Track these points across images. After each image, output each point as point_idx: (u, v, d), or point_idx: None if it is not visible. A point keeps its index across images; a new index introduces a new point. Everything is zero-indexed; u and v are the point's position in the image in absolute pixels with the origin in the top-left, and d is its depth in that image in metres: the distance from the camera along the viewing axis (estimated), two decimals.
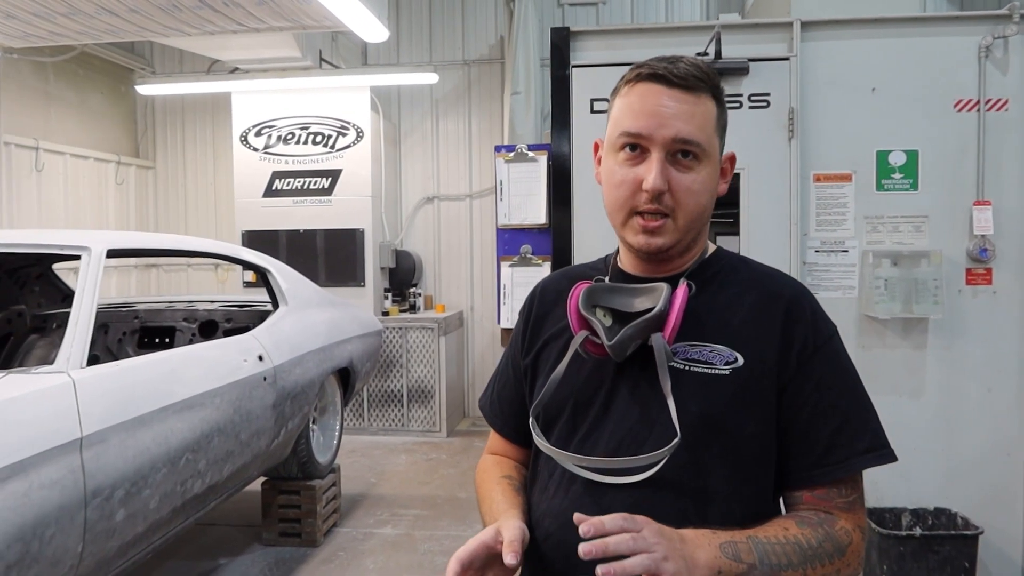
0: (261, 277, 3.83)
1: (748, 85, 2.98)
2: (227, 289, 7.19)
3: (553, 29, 3.11)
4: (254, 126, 6.37)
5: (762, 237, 3.02)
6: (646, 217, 1.10)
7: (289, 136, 6.34)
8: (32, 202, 5.97)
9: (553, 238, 3.18)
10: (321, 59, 6.14)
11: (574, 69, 3.08)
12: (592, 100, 3.08)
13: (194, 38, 4.59)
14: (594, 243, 3.08)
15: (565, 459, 1.10)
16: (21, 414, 2.01)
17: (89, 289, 2.50)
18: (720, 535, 0.99)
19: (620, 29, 3.19)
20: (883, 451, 1.10)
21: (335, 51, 6.48)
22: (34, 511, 1.96)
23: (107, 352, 4.24)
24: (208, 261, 7.29)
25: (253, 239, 6.19)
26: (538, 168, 3.29)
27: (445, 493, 4.96)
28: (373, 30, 4.51)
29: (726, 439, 1.08)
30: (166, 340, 4.38)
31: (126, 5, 3.93)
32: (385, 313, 6.41)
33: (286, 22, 4.19)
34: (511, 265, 3.31)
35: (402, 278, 6.75)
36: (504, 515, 1.13)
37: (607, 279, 1.21)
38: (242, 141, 6.38)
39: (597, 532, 0.93)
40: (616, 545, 0.91)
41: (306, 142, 6.32)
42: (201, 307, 4.41)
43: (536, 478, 1.20)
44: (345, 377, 4.48)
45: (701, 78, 1.10)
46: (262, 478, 4.02)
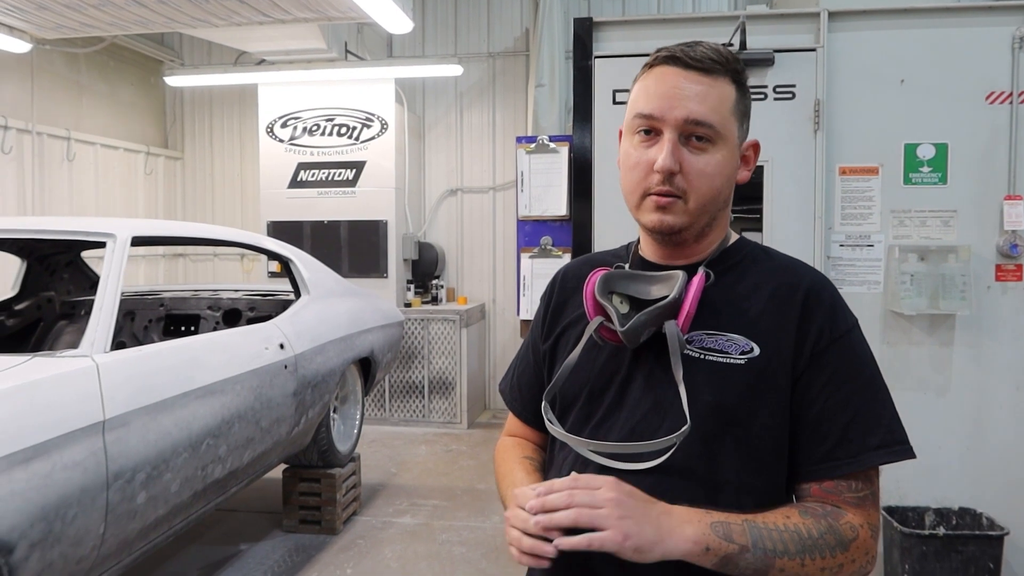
0: (284, 266, 3.86)
1: (773, 76, 2.94)
2: (252, 279, 7.27)
3: (576, 20, 3.10)
4: (280, 117, 6.41)
5: (786, 231, 2.98)
6: (662, 194, 1.10)
7: (314, 128, 6.38)
8: (63, 191, 6.07)
9: (573, 230, 3.16)
10: (346, 51, 6.17)
11: (597, 60, 3.06)
12: (615, 91, 3.06)
13: (221, 29, 4.64)
14: (614, 235, 3.05)
15: (576, 443, 1.10)
16: (45, 396, 2.04)
17: (114, 275, 2.53)
18: (714, 514, 0.99)
19: (643, 20, 3.17)
20: (897, 447, 1.07)
21: (360, 43, 6.50)
22: (57, 491, 1.99)
23: (133, 338, 4.30)
24: (234, 251, 7.37)
25: (278, 230, 6.24)
26: (559, 159, 3.28)
27: (464, 484, 4.97)
28: (398, 21, 4.52)
29: (739, 429, 1.07)
30: (191, 328, 4.44)
31: None
32: (407, 304, 6.44)
33: (312, 13, 4.21)
34: (531, 256, 3.31)
35: (425, 270, 6.77)
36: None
37: (627, 266, 1.20)
38: (268, 132, 6.43)
39: (547, 490, 0.96)
40: (553, 501, 0.95)
41: (331, 134, 6.36)
42: (225, 295, 4.45)
43: (552, 463, 1.21)
44: (366, 367, 4.50)
45: (718, 61, 1.09)
46: (283, 465, 4.06)
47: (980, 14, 2.89)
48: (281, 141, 6.42)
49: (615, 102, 3.06)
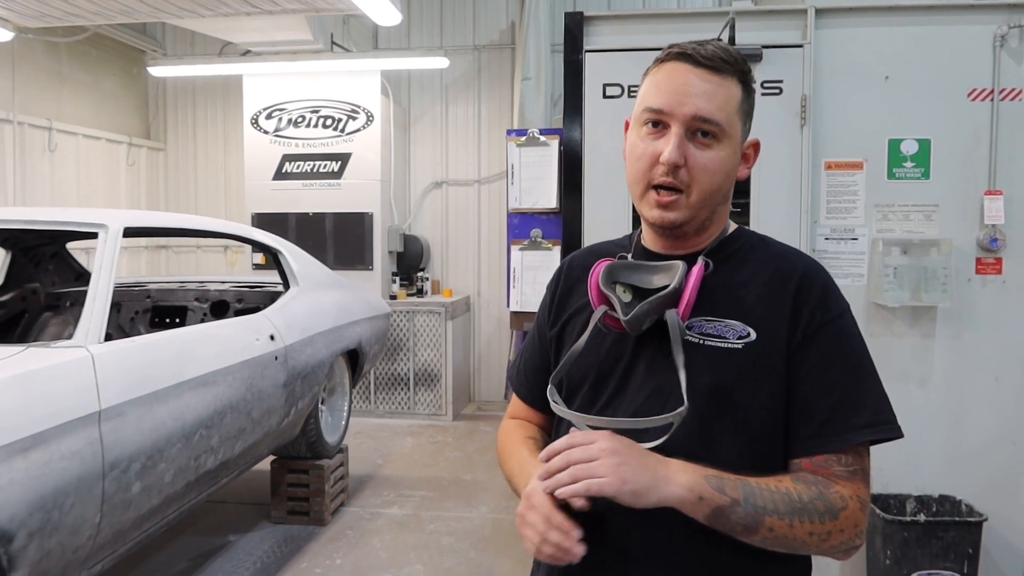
0: (273, 258, 3.87)
1: (761, 72, 2.98)
2: (236, 271, 7.23)
3: (567, 14, 3.11)
4: (265, 109, 6.39)
5: (772, 224, 3.02)
6: (660, 193, 1.14)
7: (299, 119, 6.35)
8: (44, 182, 6.01)
9: (563, 223, 3.19)
10: (332, 43, 6.15)
11: (587, 54, 3.08)
12: (605, 85, 3.08)
13: (208, 19, 4.61)
14: (604, 228, 3.09)
15: (578, 420, 1.14)
16: (43, 386, 2.05)
17: (106, 266, 2.53)
18: (709, 469, 1.04)
19: (634, 15, 3.20)
20: (883, 426, 1.11)
21: (346, 35, 6.48)
22: (55, 481, 2.00)
23: (119, 330, 4.28)
24: (218, 243, 7.33)
25: (263, 222, 6.22)
26: (549, 152, 3.30)
27: (451, 475, 5.00)
28: (385, 13, 4.52)
29: (736, 411, 1.11)
30: (176, 320, 4.43)
31: None
32: (393, 297, 6.45)
33: (300, 4, 4.20)
34: (521, 249, 3.33)
35: (410, 262, 6.78)
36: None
37: (630, 256, 1.24)
38: (253, 124, 6.40)
39: (548, 454, 1.03)
40: (553, 465, 1.02)
41: (316, 125, 6.34)
42: (212, 287, 4.44)
43: None
44: (354, 358, 4.52)
45: (728, 61, 1.13)
46: (271, 457, 4.06)
47: (963, 12, 2.94)
48: (266, 133, 6.39)
49: (605, 96, 3.08)
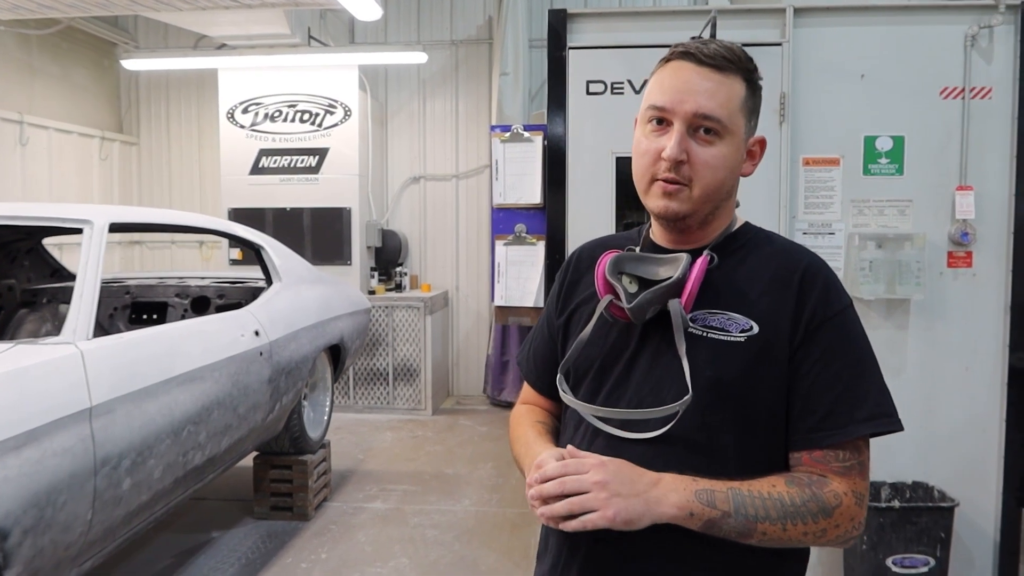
0: (256, 254, 3.86)
1: None
2: (212, 267, 7.17)
3: (551, 11, 3.15)
4: (241, 103, 6.33)
5: (751, 219, 3.05)
6: (668, 181, 1.17)
7: (276, 114, 6.32)
8: (16, 177, 5.91)
9: (548, 218, 3.23)
10: (310, 37, 6.12)
11: (571, 51, 3.12)
12: (588, 82, 3.12)
13: (185, 13, 4.57)
14: (587, 223, 3.14)
15: (585, 410, 1.18)
16: (34, 383, 2.04)
17: (93, 261, 2.52)
18: (700, 482, 1.07)
19: (617, 12, 3.24)
20: (883, 420, 1.14)
21: (323, 29, 6.45)
22: (48, 478, 1.99)
23: (98, 327, 4.24)
24: (193, 239, 7.26)
25: (239, 217, 6.17)
26: (533, 148, 3.33)
27: (432, 469, 5.03)
28: (366, 8, 4.52)
29: (737, 403, 1.15)
30: (154, 316, 4.39)
31: None
32: (371, 292, 6.44)
33: None
34: (506, 244, 3.36)
35: (388, 257, 6.77)
36: (545, 449, 1.20)
37: (638, 249, 1.28)
38: (229, 118, 6.35)
39: (543, 477, 1.06)
40: (548, 490, 1.04)
41: (293, 120, 6.31)
42: (192, 283, 4.42)
43: (565, 429, 1.30)
44: (336, 354, 4.52)
45: (731, 59, 1.17)
46: (253, 453, 4.06)
47: (935, 13, 3.02)
48: (242, 127, 6.34)
49: (588, 92, 3.12)
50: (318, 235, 6.29)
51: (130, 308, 4.33)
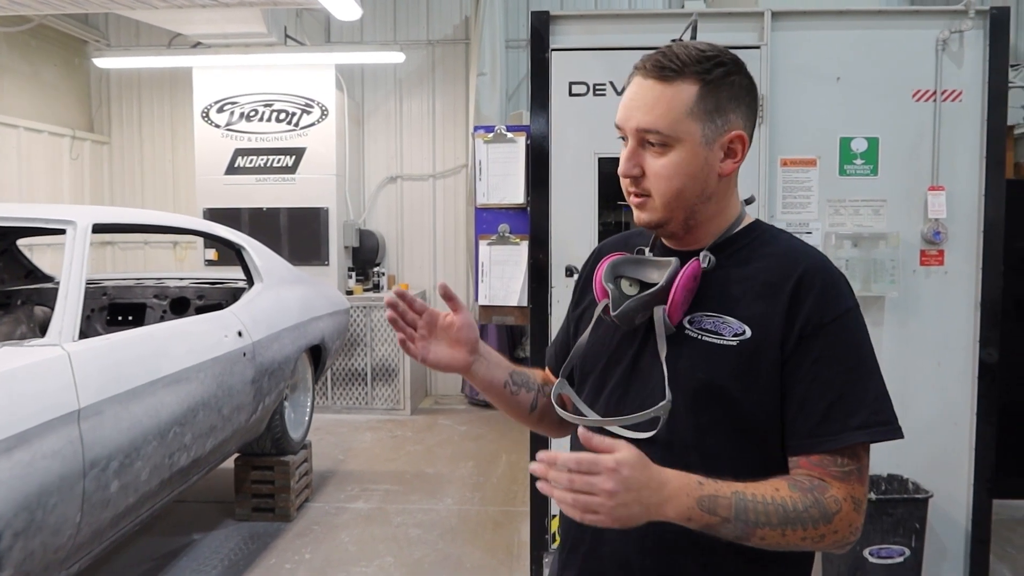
0: (237, 254, 3.84)
1: None
2: (186, 267, 7.10)
3: (534, 13, 3.18)
4: (216, 102, 6.28)
5: None
6: (631, 196, 1.22)
7: (252, 113, 6.27)
8: None
9: (531, 218, 3.26)
10: (286, 36, 6.09)
11: (553, 53, 3.15)
12: (571, 83, 3.15)
13: (160, 11, 4.53)
14: (571, 223, 3.18)
15: (576, 420, 1.22)
16: (22, 385, 2.02)
17: (77, 262, 2.50)
18: (706, 487, 1.06)
19: (600, 15, 3.29)
20: (878, 428, 1.12)
21: (300, 28, 6.42)
22: (38, 480, 1.98)
23: None
24: (166, 239, 7.18)
25: (215, 217, 6.11)
26: (516, 149, 3.36)
27: (413, 469, 5.04)
28: (345, 8, 4.51)
29: (729, 406, 1.16)
30: (130, 318, 4.35)
31: None
32: (349, 292, 6.43)
33: None
34: (489, 244, 3.38)
35: (365, 257, 6.76)
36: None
37: (647, 249, 1.30)
38: (203, 117, 6.29)
39: (551, 460, 1.02)
40: (557, 479, 1.01)
41: (269, 119, 6.27)
42: (171, 284, 4.38)
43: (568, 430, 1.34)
44: (316, 354, 4.51)
45: (675, 66, 1.14)
46: (235, 454, 4.04)
47: (908, 18, 3.11)
48: (217, 127, 6.29)
49: (571, 94, 3.16)
50: (295, 235, 6.25)
51: (107, 309, 4.28)
